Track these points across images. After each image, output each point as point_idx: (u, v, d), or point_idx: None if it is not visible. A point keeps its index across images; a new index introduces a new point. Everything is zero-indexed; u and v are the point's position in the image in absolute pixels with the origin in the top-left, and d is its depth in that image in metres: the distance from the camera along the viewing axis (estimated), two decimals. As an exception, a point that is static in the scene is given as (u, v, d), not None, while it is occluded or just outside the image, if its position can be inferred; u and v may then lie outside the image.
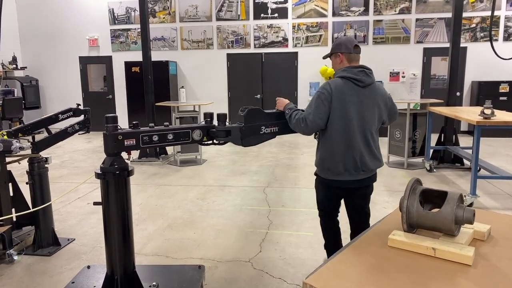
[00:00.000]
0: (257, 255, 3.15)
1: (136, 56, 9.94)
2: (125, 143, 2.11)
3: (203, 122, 2.31)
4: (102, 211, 2.21)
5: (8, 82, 9.65)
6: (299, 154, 7.20)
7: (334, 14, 9.32)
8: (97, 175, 2.13)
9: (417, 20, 9.06)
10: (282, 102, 2.67)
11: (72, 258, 3.16)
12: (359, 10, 9.24)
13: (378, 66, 9.21)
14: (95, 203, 2.21)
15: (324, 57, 2.76)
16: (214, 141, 2.38)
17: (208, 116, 2.25)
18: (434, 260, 1.35)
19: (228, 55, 9.82)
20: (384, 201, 4.45)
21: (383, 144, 7.52)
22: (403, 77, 9.23)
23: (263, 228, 3.70)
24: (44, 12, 10.31)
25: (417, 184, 1.67)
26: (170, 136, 2.17)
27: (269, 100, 9.81)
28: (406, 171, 5.75)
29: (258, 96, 9.78)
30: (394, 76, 9.27)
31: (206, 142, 2.28)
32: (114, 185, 2.14)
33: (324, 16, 9.36)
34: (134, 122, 2.14)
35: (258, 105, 9.76)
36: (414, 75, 9.19)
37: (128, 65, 9.59)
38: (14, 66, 9.97)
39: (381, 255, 1.40)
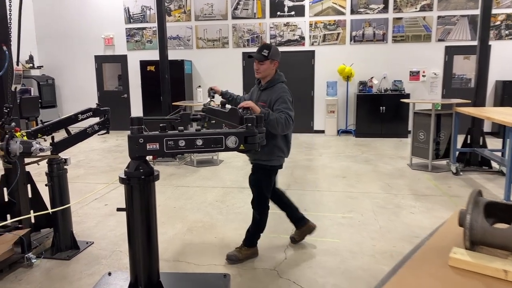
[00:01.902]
0: (282, 263, 3.01)
1: (151, 55, 9.91)
2: (147, 147, 1.99)
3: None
4: (126, 217, 2.10)
5: (25, 81, 9.69)
6: (317, 155, 7.04)
7: (352, 12, 9.11)
8: (122, 180, 2.02)
9: (439, 17, 8.79)
10: (255, 106, 2.61)
11: (91, 262, 3.07)
12: (378, 7, 9.01)
13: (397, 65, 8.99)
14: (119, 209, 2.11)
15: (257, 58, 2.81)
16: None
17: (250, 121, 2.09)
18: (506, 284, 1.19)
19: (244, 53, 9.70)
20: (411, 205, 4.26)
21: (407, 145, 7.33)
22: (424, 76, 8.98)
23: (286, 233, 3.56)
24: (60, 12, 10.33)
25: (479, 196, 1.50)
26: (199, 142, 2.03)
27: (285, 100, 9.65)
28: (431, 174, 5.54)
29: (274, 95, 9.62)
30: (414, 75, 9.02)
31: (243, 150, 2.11)
32: (139, 190, 2.03)
33: (342, 14, 9.16)
34: (162, 125, 2.01)
35: (274, 104, 9.61)
36: (435, 74, 8.93)
37: (143, 64, 9.54)
38: (31, 65, 10.02)
39: (444, 277, 1.24)
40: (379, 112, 8.74)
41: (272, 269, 2.92)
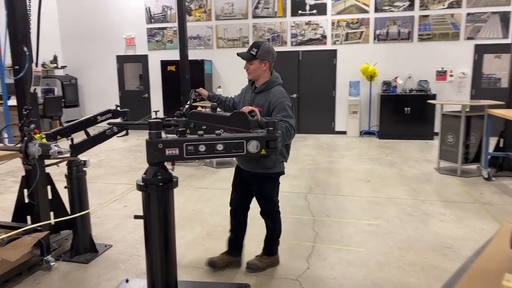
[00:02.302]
0: (305, 273, 2.88)
1: (172, 55, 9.91)
2: (167, 152, 1.90)
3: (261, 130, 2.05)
4: (143, 225, 2.02)
5: (49, 80, 9.87)
6: (339, 157, 6.85)
7: (376, 10, 8.85)
8: (139, 187, 1.94)
9: (468, 14, 8.42)
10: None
11: (109, 267, 3.01)
12: (404, 5, 8.72)
13: (424, 64, 8.68)
14: (136, 217, 2.02)
15: (244, 56, 2.63)
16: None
17: (272, 124, 1.97)
18: None
19: (264, 53, 9.56)
20: (440, 213, 4.04)
21: (433, 148, 7.04)
22: (451, 76, 8.62)
23: (308, 240, 3.42)
24: (83, 12, 10.46)
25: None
26: (220, 147, 1.93)
27: (306, 100, 9.49)
28: (460, 179, 5.28)
29: (294, 95, 9.47)
30: (441, 75, 8.68)
31: (264, 155, 2.00)
32: (157, 197, 1.94)
33: (366, 12, 8.91)
34: (181, 129, 1.92)
35: (294, 105, 9.45)
36: (463, 74, 8.57)
37: (164, 64, 9.56)
38: (55, 65, 10.19)
39: (498, 310, 1.09)
40: (403, 113, 8.45)
41: (294, 279, 2.79)
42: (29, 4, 2.46)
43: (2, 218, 3.90)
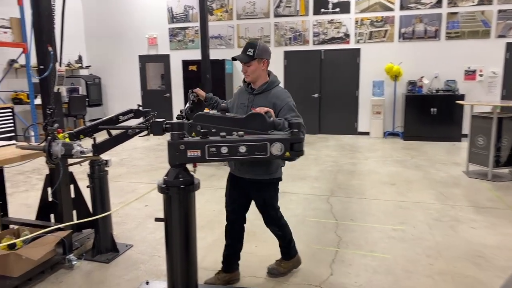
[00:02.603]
0: (328, 279, 2.78)
1: (193, 54, 9.93)
2: (188, 153, 1.85)
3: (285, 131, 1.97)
4: (164, 228, 1.98)
5: (74, 80, 10.07)
6: (362, 159, 6.68)
7: (402, 8, 8.60)
8: (160, 189, 1.89)
9: (499, 11, 8.07)
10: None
11: (130, 267, 3.00)
12: (431, 2, 8.44)
13: (451, 64, 8.39)
14: (157, 220, 1.99)
15: (242, 59, 2.46)
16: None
17: (296, 126, 1.89)
18: None
19: (286, 52, 9.47)
20: (470, 219, 3.85)
21: (461, 150, 6.76)
22: (481, 75, 8.28)
23: (331, 245, 3.32)
24: (107, 13, 10.63)
25: None
26: (243, 149, 1.86)
27: (327, 100, 9.33)
28: (491, 183, 5.04)
29: (316, 95, 9.33)
30: (470, 74, 8.35)
31: (288, 157, 1.92)
32: (178, 200, 1.89)
33: (391, 9, 8.67)
34: (203, 130, 1.86)
35: (315, 105, 9.33)
36: (494, 73, 8.21)
37: (186, 63, 9.59)
38: (80, 65, 10.40)
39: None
40: (429, 114, 8.18)
41: (317, 285, 2.70)
42: (53, 4, 2.47)
43: (27, 215, 3.97)
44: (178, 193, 1.87)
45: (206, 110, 2.33)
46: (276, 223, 2.70)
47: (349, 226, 3.74)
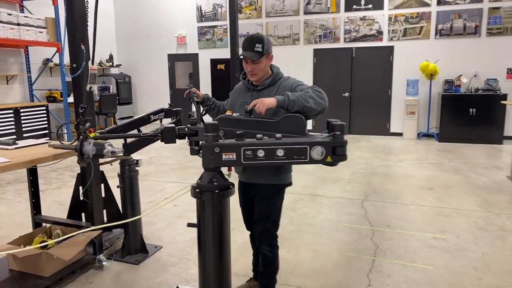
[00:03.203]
0: (366, 291, 2.62)
1: (221, 53, 9.90)
2: (223, 157, 1.73)
3: (325, 135, 1.82)
4: (197, 233, 1.88)
5: (105, 79, 10.26)
6: (396, 161, 6.40)
7: (439, 3, 8.21)
8: (194, 193, 1.79)
9: (547, 5, 7.55)
10: (268, 100, 1.96)
11: (159, 269, 2.94)
12: (471, -4, 8.00)
13: (493, 61, 7.94)
14: (190, 225, 1.89)
15: (252, 57, 2.12)
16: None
17: (339, 128, 1.75)
18: None
19: (315, 50, 9.26)
20: (519, 229, 3.57)
21: (503, 153, 6.30)
22: (525, 74, 7.79)
23: (368, 253, 3.14)
24: (137, 13, 10.76)
25: None
26: (281, 153, 1.73)
27: (359, 100, 9.05)
28: (540, 190, 4.68)
29: (346, 94, 9.07)
30: (513, 73, 7.87)
31: (329, 162, 1.77)
32: (212, 205, 1.79)
33: (427, 5, 8.29)
34: (239, 132, 1.75)
35: (346, 105, 9.07)
36: (539, 71, 7.70)
37: (214, 62, 9.56)
38: (111, 63, 10.58)
39: None
40: (468, 115, 7.76)
41: (355, 297, 2.54)
42: (87, 2, 2.43)
43: (59, 213, 4.01)
44: (212, 198, 1.76)
45: (228, 113, 2.05)
46: (271, 241, 2.31)
47: (385, 233, 3.54)
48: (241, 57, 2.17)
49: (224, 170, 1.92)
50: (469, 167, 5.89)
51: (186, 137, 1.91)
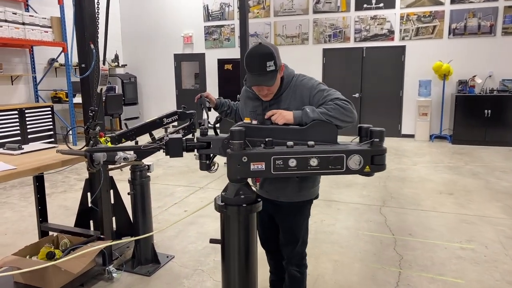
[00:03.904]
0: (395, 307, 2.44)
1: (228, 53, 9.74)
2: (252, 167, 1.56)
3: (356, 141, 1.65)
4: (220, 250, 1.71)
5: (111, 79, 10.11)
6: (410, 164, 6.21)
7: (452, 1, 8.00)
8: (218, 207, 1.63)
9: None
10: (287, 114, 1.73)
11: (172, 282, 2.78)
12: (485, -5, 7.79)
13: (508, 61, 7.73)
14: (212, 241, 1.72)
15: (269, 81, 1.78)
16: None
17: (378, 134, 1.58)
18: None
19: (325, 50, 9.07)
20: (550, 238, 3.38)
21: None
22: (542, 74, 7.57)
23: (393, 265, 2.96)
24: (143, 11, 10.61)
25: None
26: (314, 162, 1.56)
27: (369, 100, 8.86)
28: None
29: (357, 95, 8.88)
30: (529, 73, 7.65)
31: (367, 172, 1.60)
32: (238, 221, 1.62)
33: (440, 4, 8.09)
34: (268, 139, 1.58)
35: (356, 105, 8.88)
36: (557, 72, 7.48)
37: (221, 62, 9.40)
38: (116, 64, 10.44)
39: None
40: (482, 116, 7.55)
41: (383, 315, 2.36)
42: (98, 3, 2.28)
43: (65, 219, 3.86)
44: (239, 213, 1.59)
45: (247, 120, 1.74)
46: (298, 261, 2.09)
47: (408, 242, 3.36)
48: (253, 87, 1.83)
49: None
50: (487, 170, 5.68)
51: (195, 150, 1.70)
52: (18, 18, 6.88)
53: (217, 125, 1.80)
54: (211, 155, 1.68)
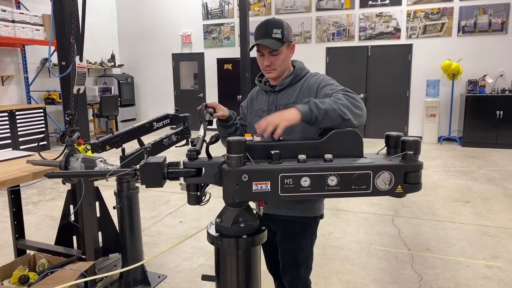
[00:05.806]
0: None
1: (229, 52, 9.41)
2: (254, 187, 1.22)
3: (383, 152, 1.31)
4: (214, 289, 1.38)
5: (106, 79, 9.80)
6: (420, 168, 5.87)
7: (461, -3, 7.67)
8: (211, 238, 1.29)
9: None
10: (287, 113, 1.36)
11: (163, 308, 2.45)
12: (496, -10, 7.46)
13: (521, 60, 7.37)
14: (205, 278, 1.38)
15: (271, 45, 1.58)
16: None
17: (413, 146, 1.25)
18: None
19: (328, 49, 8.75)
20: None
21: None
22: (556, 73, 7.23)
23: (412, 286, 2.63)
24: (141, 9, 10.28)
25: None
26: (333, 181, 1.23)
27: (374, 101, 8.53)
28: None
29: (361, 95, 8.54)
30: (543, 72, 7.32)
31: (400, 193, 1.28)
32: (237, 256, 1.29)
33: (449, 0, 7.75)
34: (274, 152, 1.25)
35: (361, 106, 8.55)
36: None
37: (221, 62, 9.08)
38: (112, 63, 10.12)
39: None
40: (494, 117, 7.22)
41: None
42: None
43: (50, 231, 3.55)
44: (237, 246, 1.26)
45: (247, 137, 1.32)
46: (307, 280, 1.79)
47: (426, 258, 3.03)
48: (255, 47, 1.63)
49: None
50: (503, 175, 5.35)
51: (181, 178, 1.28)
52: (8, 16, 6.57)
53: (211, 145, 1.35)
54: (203, 184, 1.30)
